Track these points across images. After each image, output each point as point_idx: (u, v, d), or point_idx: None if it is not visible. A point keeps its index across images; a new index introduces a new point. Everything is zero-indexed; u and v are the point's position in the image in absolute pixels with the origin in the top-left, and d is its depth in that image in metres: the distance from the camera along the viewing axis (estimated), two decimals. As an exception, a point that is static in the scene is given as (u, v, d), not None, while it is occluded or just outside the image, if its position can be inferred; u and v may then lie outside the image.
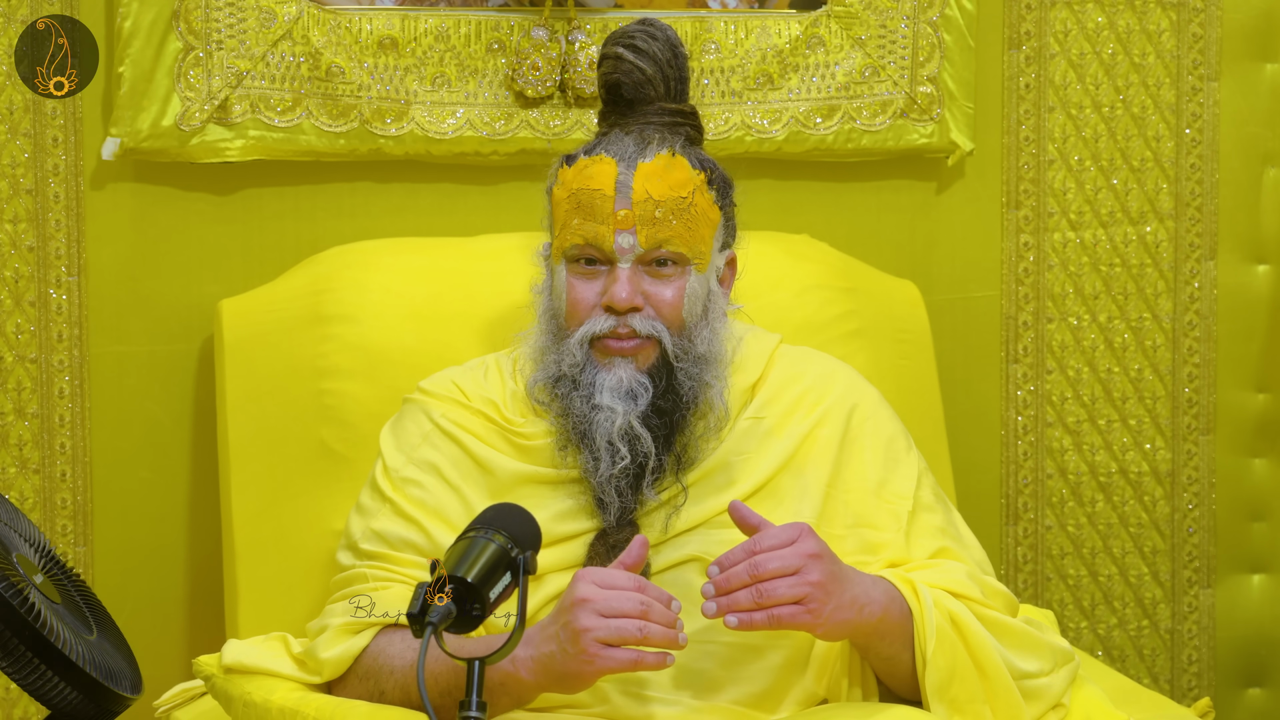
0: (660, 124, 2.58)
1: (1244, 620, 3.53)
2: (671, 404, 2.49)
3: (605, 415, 2.46)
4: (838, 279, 3.08)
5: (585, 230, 2.50)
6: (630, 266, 2.49)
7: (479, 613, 2.13)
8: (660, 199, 2.49)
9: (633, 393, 2.48)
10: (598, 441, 2.46)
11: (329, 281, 2.95)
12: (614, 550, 2.45)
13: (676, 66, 2.61)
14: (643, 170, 2.50)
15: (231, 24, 3.00)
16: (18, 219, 3.02)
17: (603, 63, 2.61)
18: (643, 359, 2.49)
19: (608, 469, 2.46)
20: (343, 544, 2.59)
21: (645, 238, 2.48)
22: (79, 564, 3.06)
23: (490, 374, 2.62)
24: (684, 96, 2.63)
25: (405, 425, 2.61)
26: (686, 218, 2.50)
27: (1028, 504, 3.43)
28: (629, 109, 2.60)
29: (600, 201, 2.49)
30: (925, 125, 3.26)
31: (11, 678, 2.17)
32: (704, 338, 2.52)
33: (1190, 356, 3.45)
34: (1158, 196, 3.42)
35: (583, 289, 2.51)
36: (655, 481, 2.49)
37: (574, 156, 2.56)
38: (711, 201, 2.55)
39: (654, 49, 2.59)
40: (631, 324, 2.48)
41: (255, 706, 2.43)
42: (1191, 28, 3.39)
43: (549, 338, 2.54)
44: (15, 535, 2.32)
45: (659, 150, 2.52)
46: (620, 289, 2.48)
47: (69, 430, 3.06)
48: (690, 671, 2.43)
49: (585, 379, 2.49)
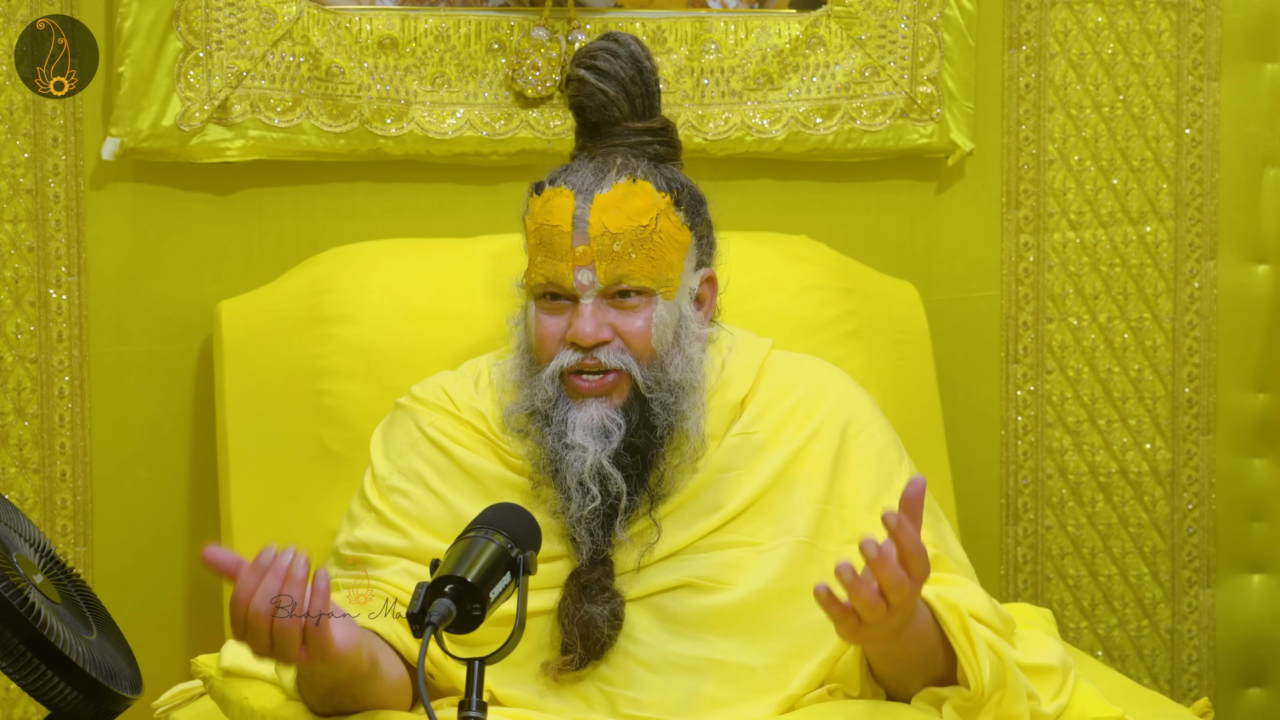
0: (626, 145, 2.57)
1: (1244, 620, 3.53)
2: (645, 440, 2.47)
3: (576, 455, 2.45)
4: (836, 279, 3.07)
5: (546, 268, 2.49)
6: (593, 301, 2.47)
7: (479, 613, 2.13)
8: (618, 231, 2.47)
9: (605, 430, 2.46)
10: (568, 481, 2.45)
11: (328, 282, 2.95)
12: (585, 590, 2.44)
13: (642, 83, 2.60)
14: (599, 203, 2.48)
15: (231, 24, 3.00)
16: (18, 219, 3.02)
17: (567, 85, 2.62)
18: (616, 394, 2.47)
19: (578, 509, 2.44)
20: (330, 551, 2.60)
21: (604, 273, 2.46)
22: (79, 564, 3.06)
23: (481, 382, 2.61)
24: (653, 112, 2.62)
25: (394, 432, 2.61)
26: (648, 247, 2.48)
27: (1028, 504, 3.42)
28: (595, 131, 2.60)
29: (559, 238, 2.48)
30: (925, 125, 3.26)
31: (11, 678, 2.17)
32: (677, 365, 2.49)
33: (1190, 356, 3.45)
34: (1158, 196, 3.42)
35: (549, 324, 2.50)
36: (628, 520, 2.47)
37: (541, 185, 2.55)
38: (679, 224, 2.52)
39: (616, 68, 2.58)
40: (599, 357, 2.47)
41: (253, 713, 2.43)
42: (1191, 28, 3.39)
43: (523, 371, 2.54)
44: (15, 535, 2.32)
45: (617, 179, 2.50)
46: (583, 324, 2.46)
47: (69, 430, 3.06)
48: (686, 690, 2.43)
49: (558, 415, 2.47)
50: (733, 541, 2.49)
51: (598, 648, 2.43)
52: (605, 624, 2.43)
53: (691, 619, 2.45)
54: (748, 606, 2.46)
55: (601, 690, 2.44)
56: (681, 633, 2.45)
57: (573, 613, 2.43)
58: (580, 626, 2.43)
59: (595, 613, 2.43)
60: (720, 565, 2.47)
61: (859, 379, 2.81)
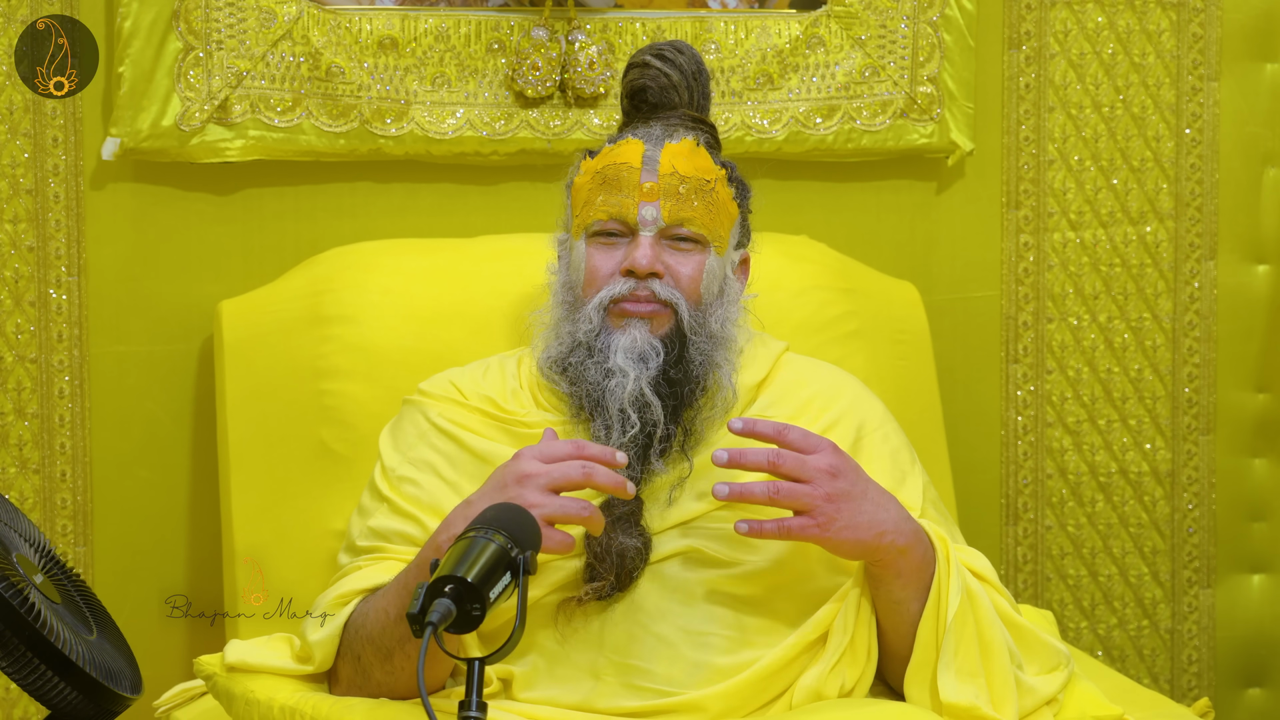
0: (684, 124, 2.62)
1: (1244, 620, 3.53)
2: (682, 375, 2.51)
3: (618, 381, 2.49)
4: (836, 280, 3.08)
5: (609, 204, 2.54)
6: (652, 236, 2.54)
7: (479, 613, 2.13)
8: (686, 175, 2.54)
9: (644, 356, 2.50)
10: (610, 409, 2.48)
11: (329, 282, 2.95)
12: (618, 522, 2.46)
13: (700, 81, 2.67)
14: (670, 149, 2.56)
15: (231, 24, 3.00)
16: (18, 219, 3.02)
17: (629, 72, 2.67)
18: (657, 324, 2.52)
19: (619, 437, 2.48)
20: (343, 546, 2.60)
21: (668, 211, 2.53)
22: (79, 564, 3.06)
23: (490, 372, 2.64)
24: (705, 112, 2.68)
25: (403, 426, 2.62)
26: (708, 200, 2.55)
27: (1028, 504, 3.43)
28: (652, 113, 2.65)
29: (626, 174, 2.54)
30: (925, 125, 3.26)
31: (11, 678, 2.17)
32: (718, 317, 2.56)
33: (1190, 356, 3.45)
34: (1158, 196, 3.42)
35: (602, 258, 2.55)
36: (663, 453, 2.50)
37: (597, 150, 2.61)
38: (731, 196, 2.60)
39: (681, 61, 2.65)
40: (651, 287, 2.52)
41: (257, 704, 2.43)
42: (1191, 28, 3.39)
43: (564, 310, 2.58)
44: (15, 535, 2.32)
45: (686, 136, 2.59)
46: (642, 254, 2.51)
47: (69, 430, 3.06)
48: (694, 663, 2.44)
49: (600, 344, 2.51)
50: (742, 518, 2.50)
51: (628, 578, 2.46)
52: (637, 556, 2.46)
53: (698, 592, 2.47)
54: (754, 583, 2.48)
55: (611, 660, 2.45)
56: (690, 605, 2.47)
57: (606, 543, 2.45)
58: (615, 556, 2.45)
59: (628, 544, 2.45)
60: (728, 539, 2.48)
61: (859, 379, 2.81)
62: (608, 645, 2.45)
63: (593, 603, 2.46)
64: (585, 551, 2.46)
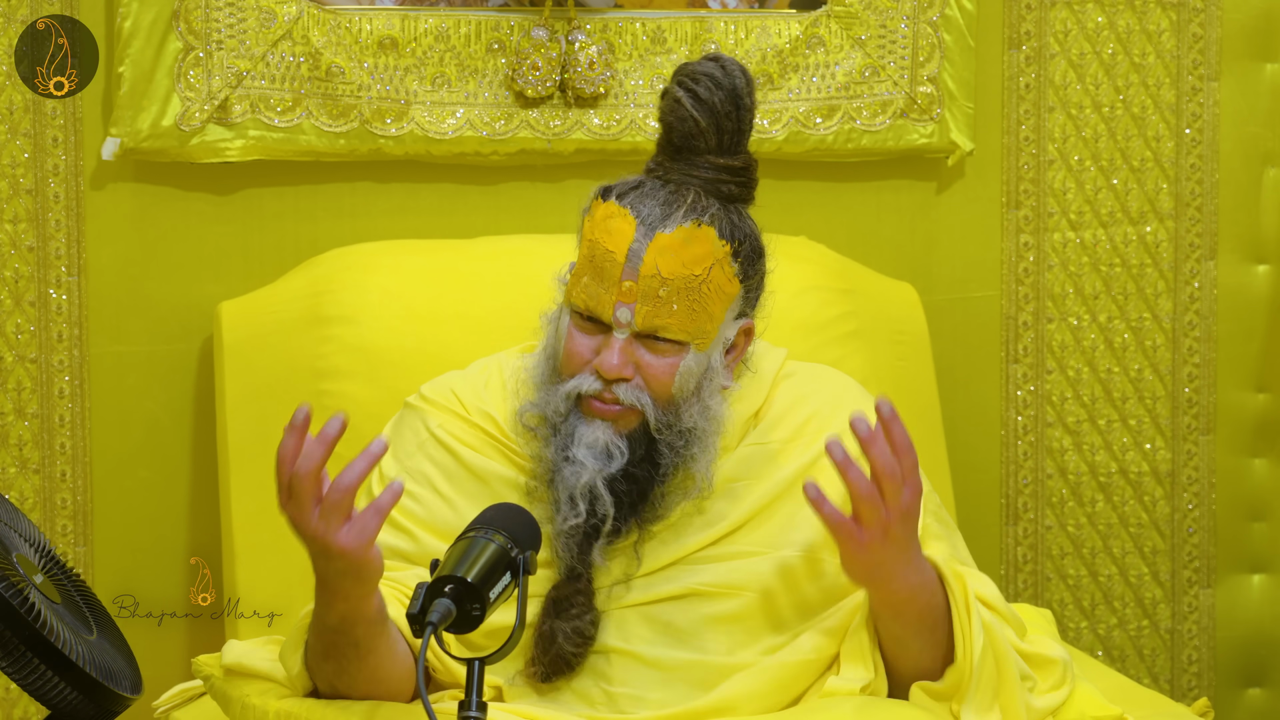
0: (701, 180, 2.50)
1: (1244, 620, 3.53)
2: (646, 473, 2.46)
3: (573, 470, 2.44)
4: (835, 280, 3.07)
5: (590, 293, 2.45)
6: (626, 338, 2.45)
7: (479, 613, 2.13)
8: (669, 276, 2.43)
9: (608, 453, 2.45)
10: (560, 493, 2.45)
11: (328, 283, 2.95)
12: (556, 605, 2.44)
13: (736, 119, 2.51)
14: (658, 242, 2.44)
15: (231, 24, 3.00)
16: (18, 219, 3.02)
17: (664, 97, 2.52)
18: (623, 424, 2.46)
19: (562, 523, 2.44)
20: None
21: (643, 317, 2.44)
22: (79, 564, 3.06)
23: (492, 383, 2.60)
24: (738, 149, 2.53)
25: (402, 432, 2.60)
26: (693, 299, 2.45)
27: (1028, 504, 3.43)
28: (676, 154, 2.51)
29: (610, 266, 2.44)
30: (925, 125, 3.26)
31: (11, 678, 2.17)
32: (692, 413, 2.47)
33: (1190, 356, 3.45)
34: (1158, 196, 3.42)
35: (580, 343, 2.48)
36: (610, 543, 2.46)
37: (609, 192, 2.49)
38: (731, 275, 2.48)
39: (715, 99, 2.48)
40: (616, 392, 2.45)
41: (254, 710, 2.43)
42: (1191, 28, 3.39)
43: (545, 374, 2.52)
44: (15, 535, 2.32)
45: (683, 222, 2.45)
46: (610, 357, 2.44)
47: (69, 430, 3.06)
48: (685, 686, 2.44)
49: (565, 429, 2.47)
50: (740, 551, 2.48)
51: (560, 664, 2.44)
52: (567, 641, 2.43)
53: (694, 626, 2.45)
54: (750, 614, 2.46)
55: (603, 690, 2.44)
56: (683, 639, 2.45)
57: (539, 625, 2.44)
58: (543, 640, 2.44)
59: (559, 627, 2.43)
60: (728, 572, 2.47)
61: (858, 380, 2.80)
62: (599, 673, 2.45)
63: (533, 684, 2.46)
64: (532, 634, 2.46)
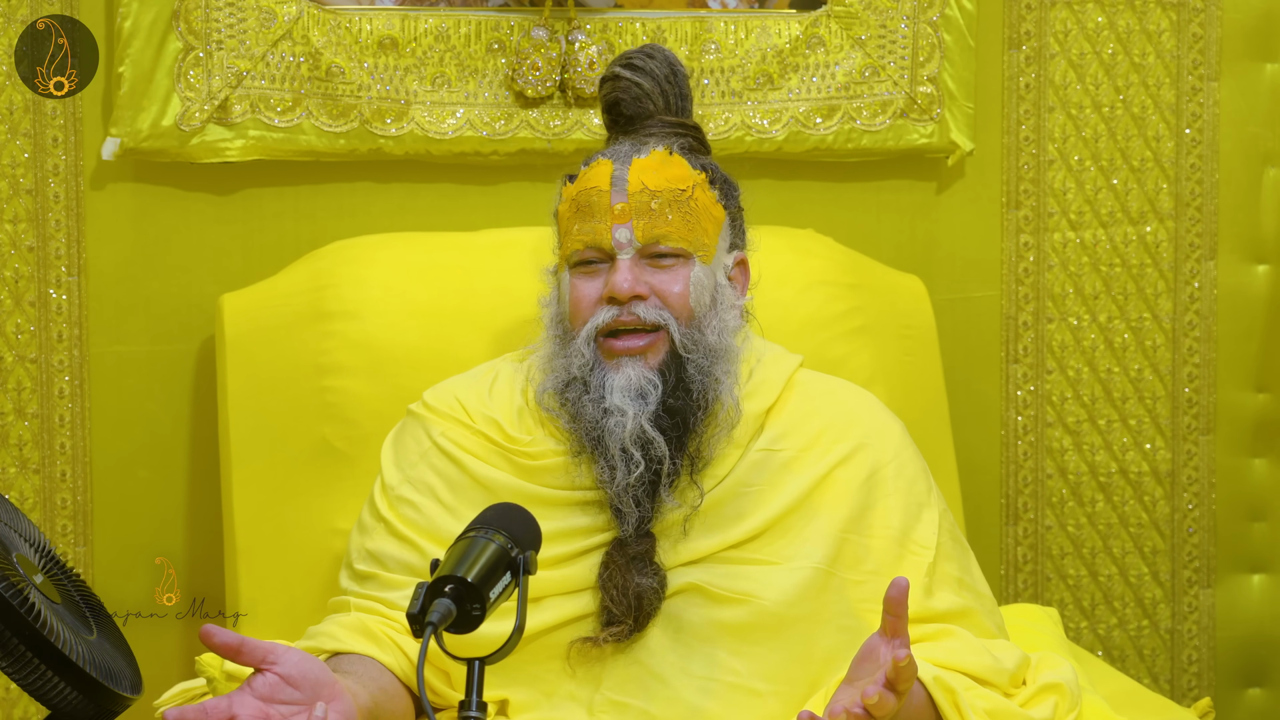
0: (660, 133, 2.58)
1: (1244, 620, 3.53)
2: (682, 401, 2.46)
3: (616, 420, 2.44)
4: (842, 274, 3.07)
5: (584, 231, 2.49)
6: (630, 258, 2.48)
7: (479, 613, 2.13)
8: (657, 189, 2.49)
9: (642, 391, 2.45)
10: (611, 449, 2.44)
11: (330, 277, 2.95)
12: (633, 562, 2.42)
13: (675, 83, 2.62)
14: (637, 164, 2.50)
15: (231, 24, 3.00)
16: (18, 219, 3.02)
17: (602, 85, 2.63)
18: (652, 356, 2.47)
19: (624, 478, 2.43)
20: (344, 563, 2.59)
21: (642, 231, 2.47)
22: (79, 564, 3.06)
23: (498, 385, 2.59)
24: (686, 114, 2.63)
25: (405, 441, 2.59)
26: (685, 210, 2.49)
27: (1028, 504, 3.43)
28: (630, 125, 2.60)
29: (597, 198, 2.49)
30: (925, 125, 3.26)
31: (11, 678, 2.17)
32: (714, 328, 2.49)
33: (1190, 356, 3.45)
34: (1158, 196, 3.42)
35: (585, 286, 2.50)
36: (672, 485, 2.46)
37: (575, 174, 2.57)
38: (714, 199, 2.54)
39: (651, 67, 2.61)
40: (636, 312, 2.46)
41: None
42: (1191, 28, 3.40)
43: (557, 344, 2.52)
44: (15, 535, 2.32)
45: (655, 148, 2.53)
46: (620, 278, 2.46)
47: (69, 430, 3.06)
48: (691, 708, 2.42)
49: (595, 380, 2.46)
50: (751, 559, 2.47)
51: (645, 619, 2.42)
52: (654, 596, 2.42)
53: (703, 632, 2.44)
54: (760, 627, 2.45)
55: (610, 700, 2.43)
56: (694, 647, 2.44)
57: (623, 584, 2.42)
58: (633, 598, 2.41)
59: (645, 584, 2.42)
60: (737, 577, 2.45)
61: (865, 375, 2.80)
62: (606, 683, 2.44)
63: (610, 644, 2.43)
64: (600, 591, 2.44)
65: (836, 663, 2.41)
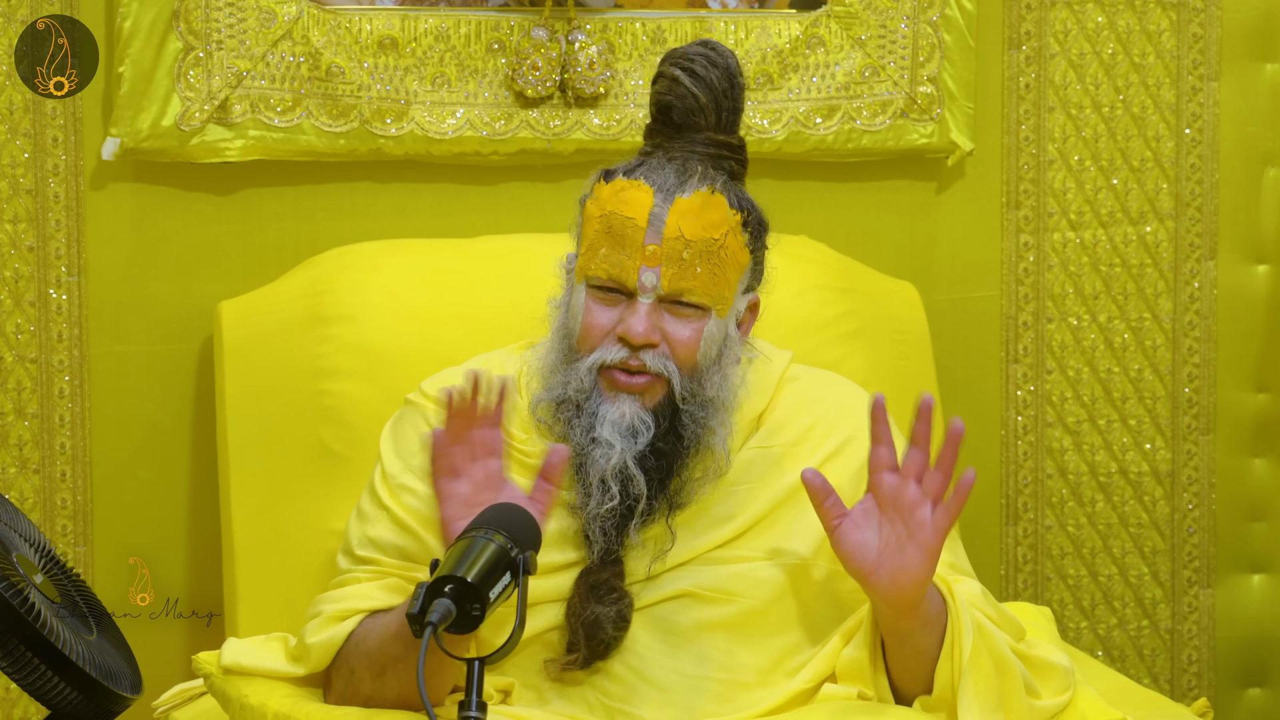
0: (705, 155, 2.50)
1: (1244, 620, 3.53)
2: (672, 446, 2.45)
3: (602, 451, 2.42)
4: (836, 279, 3.07)
5: (610, 262, 2.44)
6: (651, 303, 2.43)
7: (478, 613, 2.13)
8: (691, 239, 2.43)
9: (634, 430, 2.43)
10: (590, 477, 2.43)
11: (328, 282, 2.95)
12: (594, 590, 2.43)
13: (732, 97, 2.53)
14: (679, 206, 2.44)
15: (231, 24, 3.00)
16: (18, 219, 3.02)
17: (657, 80, 2.53)
18: (649, 397, 2.44)
19: (596, 506, 2.43)
20: (341, 548, 2.59)
21: (668, 281, 2.42)
22: (79, 564, 3.06)
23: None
24: (734, 128, 2.55)
25: (404, 429, 2.59)
26: (714, 262, 2.44)
27: (1028, 504, 3.43)
28: (676, 133, 2.51)
29: (631, 231, 2.43)
30: (925, 125, 3.26)
31: (11, 678, 2.17)
32: (714, 382, 2.46)
33: (1190, 356, 3.45)
34: (1158, 196, 3.42)
35: (600, 314, 2.45)
36: (644, 523, 2.45)
37: (613, 173, 2.49)
38: (743, 245, 2.49)
39: (712, 77, 2.51)
40: (643, 359, 2.43)
41: (251, 710, 2.43)
42: (1191, 28, 3.39)
43: (559, 357, 2.49)
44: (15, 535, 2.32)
45: (699, 186, 2.45)
46: (637, 323, 2.42)
47: (69, 430, 3.06)
48: (684, 707, 2.42)
49: (589, 408, 2.44)
50: (740, 556, 2.48)
51: (602, 648, 2.42)
52: (610, 624, 2.41)
53: (692, 631, 2.44)
54: (749, 622, 2.45)
55: (603, 703, 2.44)
56: (682, 646, 2.44)
57: (579, 612, 2.42)
58: (586, 626, 2.41)
59: (601, 613, 2.41)
60: (726, 577, 2.46)
61: (858, 379, 2.80)
62: (598, 688, 2.44)
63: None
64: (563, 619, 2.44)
65: (827, 628, 2.44)
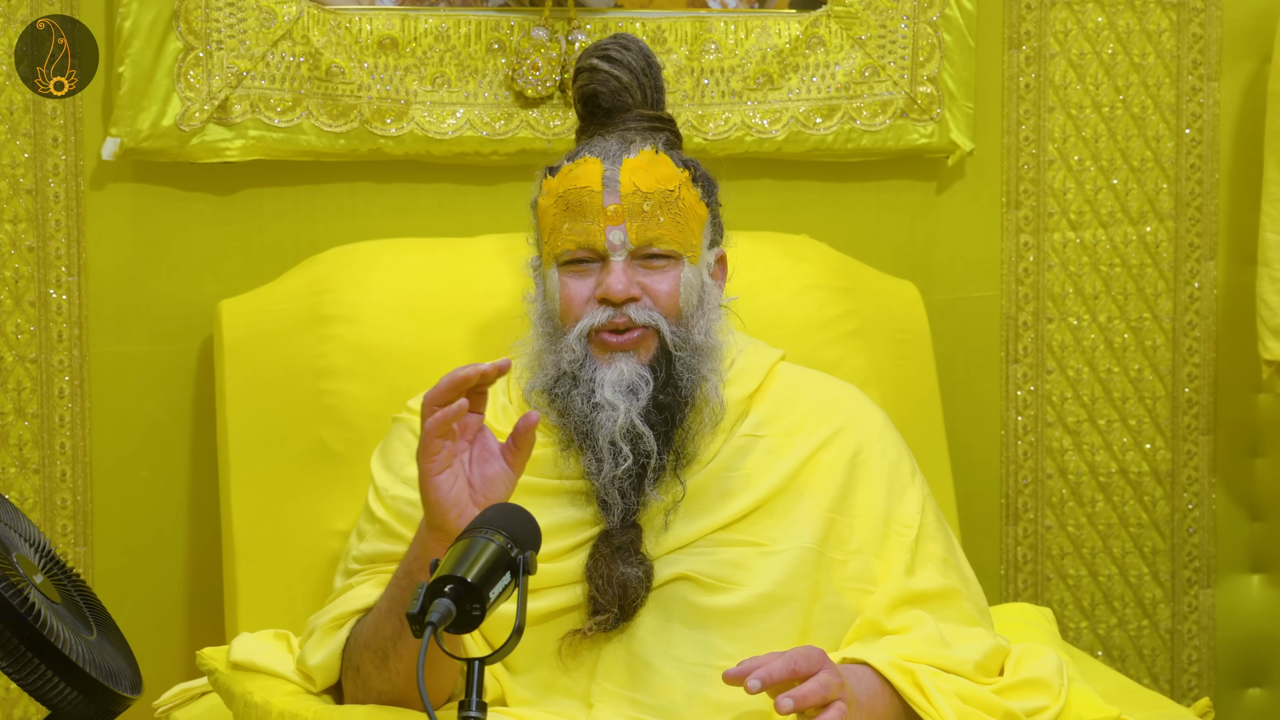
0: (640, 129, 2.58)
1: (1244, 620, 3.53)
2: (671, 398, 2.47)
3: (607, 415, 2.45)
4: (836, 279, 3.08)
5: (575, 231, 2.50)
6: (624, 260, 2.49)
7: (478, 613, 2.13)
8: (648, 190, 2.50)
9: (634, 387, 2.46)
10: (600, 442, 2.45)
11: (328, 282, 2.95)
12: (618, 552, 2.44)
13: (651, 76, 2.62)
14: (629, 165, 2.51)
15: (231, 24, 3.00)
16: (18, 219, 3.02)
17: (578, 77, 2.62)
18: (643, 352, 2.48)
19: (610, 470, 2.45)
20: (340, 568, 2.60)
21: (635, 233, 2.48)
22: (79, 564, 3.06)
23: None
24: (660, 106, 2.64)
25: (392, 445, 2.61)
26: (674, 211, 2.50)
27: (1028, 504, 3.43)
28: (607, 118, 2.60)
29: (589, 198, 2.49)
30: (925, 125, 3.26)
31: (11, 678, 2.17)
32: (700, 328, 2.51)
33: (1190, 356, 3.46)
34: (1158, 196, 3.42)
35: (577, 286, 2.51)
36: (657, 480, 2.47)
37: (557, 167, 2.57)
38: (698, 198, 2.55)
39: (628, 59, 2.61)
40: (629, 313, 2.48)
41: (255, 707, 2.43)
42: (1191, 28, 3.40)
43: (545, 340, 2.53)
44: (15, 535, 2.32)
45: (643, 147, 2.54)
46: (615, 280, 2.47)
47: (69, 430, 3.06)
48: (686, 694, 2.43)
49: (585, 375, 2.47)
50: (738, 540, 2.49)
51: (631, 609, 2.44)
52: (640, 585, 2.44)
53: (695, 619, 2.45)
54: (751, 611, 2.46)
55: (605, 689, 2.44)
56: (686, 635, 2.45)
57: (608, 574, 2.44)
58: (617, 587, 2.43)
59: (630, 574, 2.43)
60: (724, 564, 2.47)
61: (859, 379, 2.81)
62: (601, 674, 2.45)
63: (598, 634, 2.44)
64: (586, 582, 2.45)
65: (824, 640, 2.44)
